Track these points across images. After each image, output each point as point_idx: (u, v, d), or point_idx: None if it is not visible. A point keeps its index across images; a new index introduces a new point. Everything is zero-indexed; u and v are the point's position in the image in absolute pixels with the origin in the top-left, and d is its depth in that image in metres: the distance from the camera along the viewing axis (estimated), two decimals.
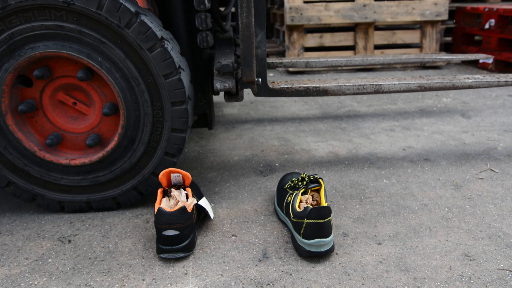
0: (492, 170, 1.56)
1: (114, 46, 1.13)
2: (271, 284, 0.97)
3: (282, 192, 1.26)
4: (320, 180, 1.17)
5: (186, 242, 1.07)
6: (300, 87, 1.40)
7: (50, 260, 1.08)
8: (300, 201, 1.14)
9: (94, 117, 1.25)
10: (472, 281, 0.96)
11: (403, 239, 1.13)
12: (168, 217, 1.05)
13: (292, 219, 1.09)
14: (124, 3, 1.10)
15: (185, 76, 1.22)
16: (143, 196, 1.32)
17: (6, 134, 1.20)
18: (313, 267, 1.02)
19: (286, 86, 1.39)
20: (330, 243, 1.04)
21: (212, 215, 1.20)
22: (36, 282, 0.99)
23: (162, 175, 1.15)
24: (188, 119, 1.23)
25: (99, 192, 1.29)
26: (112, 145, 1.22)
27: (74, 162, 1.23)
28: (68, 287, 0.97)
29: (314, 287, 0.95)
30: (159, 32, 1.15)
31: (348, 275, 0.99)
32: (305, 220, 1.03)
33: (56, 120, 1.24)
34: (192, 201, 1.14)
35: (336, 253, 1.07)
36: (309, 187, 1.16)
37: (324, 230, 1.02)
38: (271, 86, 1.37)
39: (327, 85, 1.42)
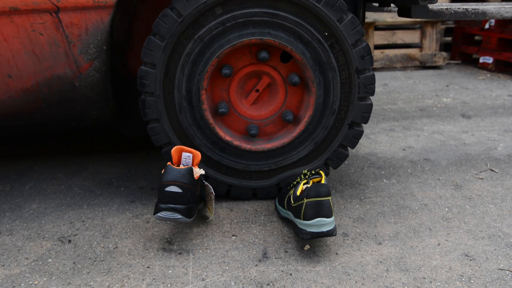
0: (492, 170, 1.56)
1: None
2: (271, 284, 0.97)
3: (283, 191, 1.25)
4: (320, 172, 1.17)
5: (186, 205, 1.06)
6: (458, 9, 1.44)
7: (50, 260, 1.08)
8: (302, 190, 1.14)
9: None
10: (472, 281, 0.97)
11: (403, 239, 1.13)
12: (174, 173, 1.05)
13: (293, 205, 1.09)
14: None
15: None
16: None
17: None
18: (313, 267, 1.02)
19: (445, 7, 1.43)
20: (332, 224, 1.03)
21: (213, 193, 1.19)
22: (36, 282, 0.99)
23: (174, 151, 1.15)
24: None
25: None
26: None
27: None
28: (68, 287, 0.97)
29: (314, 287, 0.95)
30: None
31: (348, 275, 0.99)
32: (305, 200, 1.03)
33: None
34: (199, 171, 1.14)
35: (336, 253, 1.07)
36: (310, 178, 1.16)
37: (324, 210, 1.02)
38: (430, 7, 1.40)
39: (486, 7, 1.46)
